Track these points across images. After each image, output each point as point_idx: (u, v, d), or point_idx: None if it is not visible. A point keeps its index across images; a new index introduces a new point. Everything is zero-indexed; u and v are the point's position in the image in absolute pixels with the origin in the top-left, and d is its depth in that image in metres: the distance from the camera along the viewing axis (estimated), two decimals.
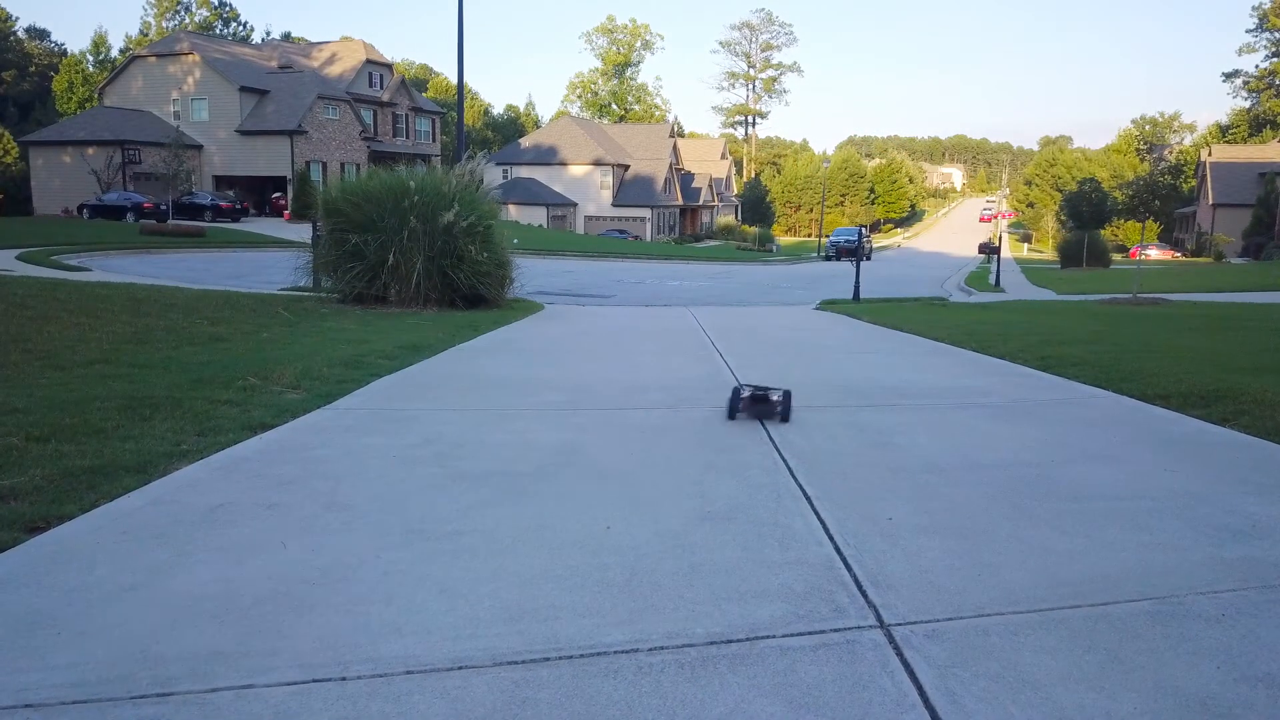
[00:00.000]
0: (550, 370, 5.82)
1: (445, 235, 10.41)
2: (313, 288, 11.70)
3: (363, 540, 2.45)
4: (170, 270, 21.80)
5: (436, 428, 3.87)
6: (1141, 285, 22.29)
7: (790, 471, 3.27)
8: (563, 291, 18.38)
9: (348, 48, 55.05)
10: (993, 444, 3.80)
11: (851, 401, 4.81)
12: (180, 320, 7.48)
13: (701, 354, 7.05)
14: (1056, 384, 5.37)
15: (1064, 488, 3.10)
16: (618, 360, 6.60)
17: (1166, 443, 3.75)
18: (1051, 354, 6.53)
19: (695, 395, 4.89)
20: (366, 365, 5.59)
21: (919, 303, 14.79)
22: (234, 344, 6.35)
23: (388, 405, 4.38)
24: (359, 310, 9.99)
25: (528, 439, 3.71)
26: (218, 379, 4.77)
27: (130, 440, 3.41)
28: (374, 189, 10.42)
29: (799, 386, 5.10)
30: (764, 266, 37.60)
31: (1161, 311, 12.35)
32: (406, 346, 6.63)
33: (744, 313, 12.88)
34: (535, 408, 4.42)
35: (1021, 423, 4.20)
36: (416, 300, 10.42)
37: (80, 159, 42.55)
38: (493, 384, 5.09)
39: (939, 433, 3.96)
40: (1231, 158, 62.33)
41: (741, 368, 6.12)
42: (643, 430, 3.95)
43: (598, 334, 8.78)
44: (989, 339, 7.98)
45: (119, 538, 2.32)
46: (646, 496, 2.93)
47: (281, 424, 3.84)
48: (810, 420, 4.19)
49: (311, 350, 6.16)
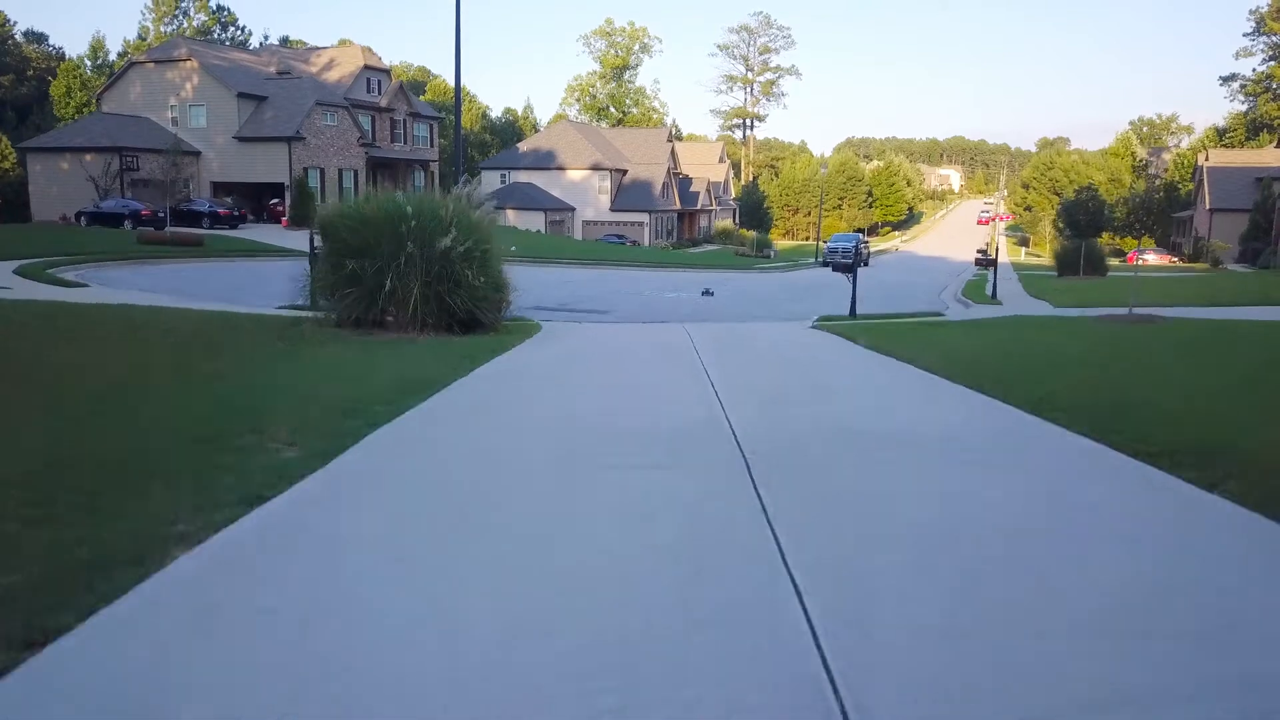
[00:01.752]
0: (542, 428, 5.85)
1: (442, 260, 10.43)
2: (310, 306, 11.64)
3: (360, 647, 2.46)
4: (168, 284, 21.81)
5: (427, 506, 3.90)
6: (1138, 297, 22.35)
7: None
8: (560, 306, 18.41)
9: (346, 53, 55.09)
10: (978, 496, 3.83)
11: (846, 453, 4.84)
12: (178, 354, 7.50)
13: (694, 382, 7.08)
14: (1044, 428, 5.39)
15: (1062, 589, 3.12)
16: (614, 398, 6.64)
17: (1149, 489, 3.78)
18: (1044, 395, 6.56)
19: (693, 454, 4.91)
20: (362, 413, 5.61)
21: (915, 321, 14.81)
22: (231, 383, 6.37)
23: (382, 468, 4.40)
24: (356, 337, 10.01)
25: (515, 534, 3.73)
26: (215, 434, 4.79)
27: (127, 520, 3.42)
28: (371, 214, 10.44)
29: (793, 433, 5.13)
30: (761, 275, 37.64)
31: (1155, 333, 12.37)
32: (401, 388, 6.65)
33: (739, 331, 12.89)
34: (520, 488, 4.45)
35: (1011, 474, 4.23)
36: (414, 325, 10.44)
37: (78, 166, 42.54)
38: (480, 451, 5.11)
39: (934, 503, 3.99)
40: (1228, 162, 62.52)
41: (734, 405, 6.15)
42: (647, 495, 3.99)
43: (592, 362, 8.80)
44: (984, 370, 8.01)
45: (112, 654, 2.34)
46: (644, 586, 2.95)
47: (278, 494, 3.86)
48: (809, 487, 4.22)
49: (309, 392, 6.17)
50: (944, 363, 8.43)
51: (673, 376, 7.94)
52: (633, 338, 12.04)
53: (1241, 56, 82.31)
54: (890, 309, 19.85)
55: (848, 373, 8.58)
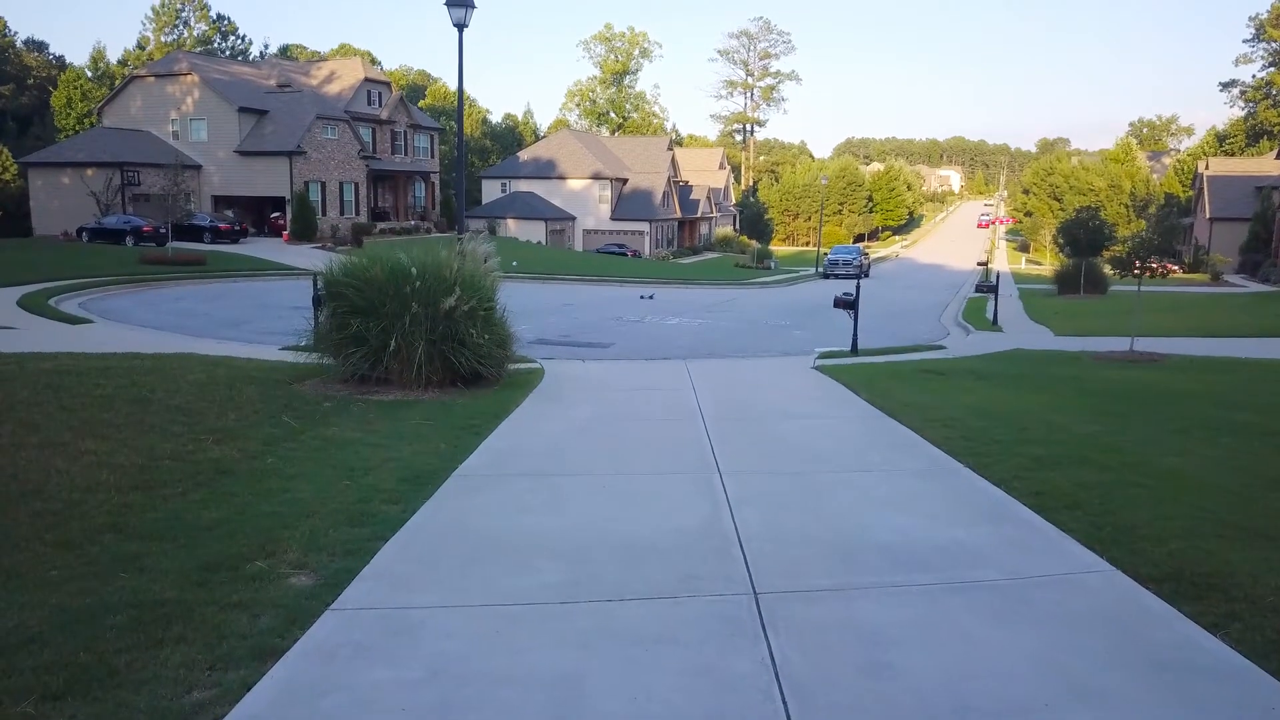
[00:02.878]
0: (545, 522, 5.95)
1: (447, 320, 10.49)
2: (313, 349, 11.41)
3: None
4: (171, 313, 21.89)
5: (440, 648, 3.96)
6: (1137, 323, 22.37)
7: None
8: (561, 338, 18.46)
9: (346, 65, 55.19)
10: (987, 668, 3.89)
11: (840, 575, 4.91)
12: (184, 437, 7.55)
13: (698, 469, 7.15)
14: (1051, 542, 5.45)
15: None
16: (612, 490, 6.72)
17: (1157, 668, 3.83)
18: (1046, 485, 6.62)
19: (697, 571, 4.97)
20: (371, 518, 5.67)
21: (917, 363, 14.86)
22: (238, 480, 6.42)
23: (393, 604, 4.46)
24: (360, 397, 10.06)
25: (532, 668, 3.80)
26: (225, 559, 4.85)
27: (145, 688, 3.49)
28: (376, 275, 10.50)
29: (793, 542, 5.18)
30: (763, 291, 37.71)
31: (1158, 383, 12.41)
32: (408, 475, 6.72)
33: (741, 381, 12.94)
34: (533, 599, 4.55)
35: (1018, 625, 4.29)
36: (418, 383, 10.50)
37: (79, 181, 42.65)
38: (485, 558, 5.18)
39: (931, 647, 4.05)
40: (1228, 171, 62.56)
41: (740, 501, 6.22)
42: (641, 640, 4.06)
43: (592, 436, 8.85)
44: (984, 446, 8.07)
45: None
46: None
47: (291, 644, 3.92)
48: (804, 626, 4.28)
49: (317, 491, 6.23)
50: (947, 436, 8.50)
51: (677, 454, 8.00)
52: (635, 390, 12.08)
53: (1241, 63, 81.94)
54: (892, 336, 19.92)
55: (849, 446, 8.64)
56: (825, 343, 19.15)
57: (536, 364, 13.97)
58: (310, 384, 10.92)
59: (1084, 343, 18.60)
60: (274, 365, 12.24)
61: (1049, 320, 23.98)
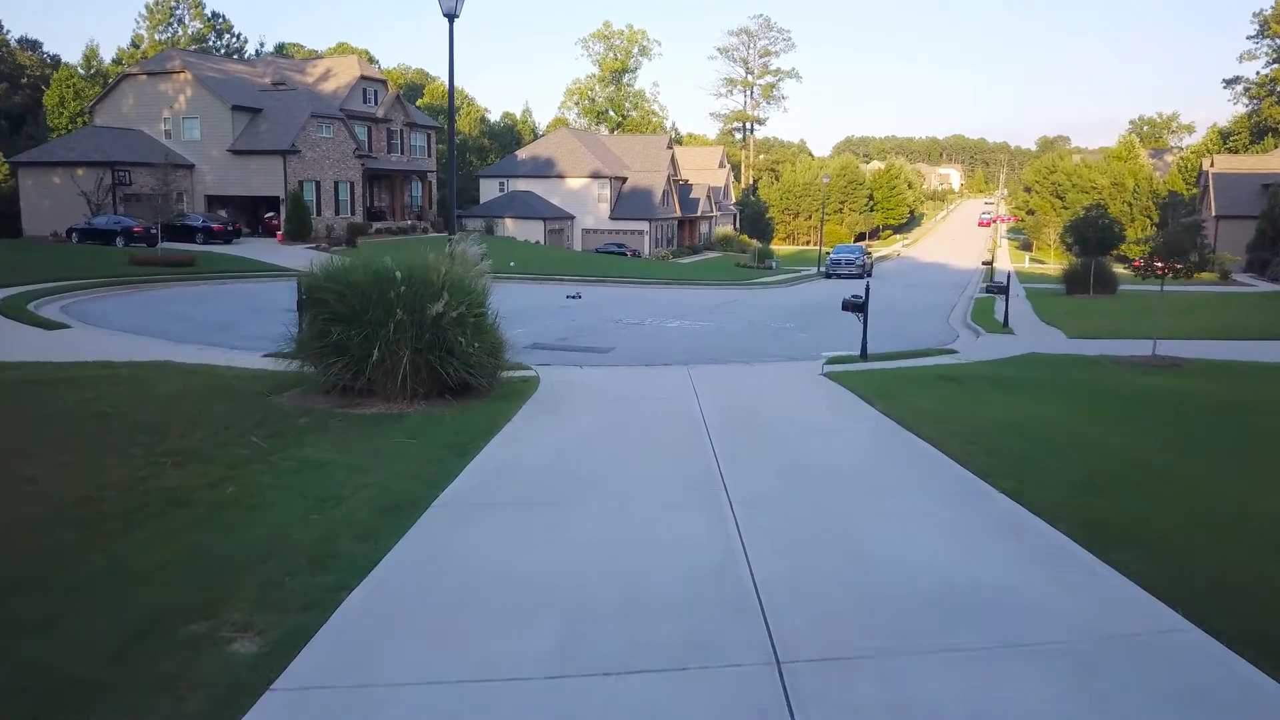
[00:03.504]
0: (536, 564, 5.26)
1: (434, 327, 9.79)
2: (295, 354, 10.63)
3: None
4: (156, 317, 21.19)
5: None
6: (1151, 324, 21.68)
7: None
8: (559, 343, 17.74)
9: (342, 63, 54.44)
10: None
11: (879, 636, 4.22)
12: (141, 460, 6.86)
13: (706, 495, 6.47)
14: (1114, 590, 4.76)
15: None
16: (612, 522, 6.05)
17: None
18: (1095, 514, 5.94)
19: (710, 632, 4.29)
20: (337, 561, 4.99)
21: (930, 369, 14.16)
22: (192, 514, 5.73)
23: (349, 680, 3.77)
24: (341, 409, 9.36)
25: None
26: (159, 618, 4.16)
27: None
28: (359, 280, 9.79)
29: (818, 591, 4.49)
30: (765, 292, 37.00)
31: (1189, 391, 11.73)
32: (384, 505, 6.04)
33: (747, 389, 12.24)
34: (520, 671, 3.85)
35: (1097, 705, 3.60)
36: (403, 395, 9.80)
37: (70, 180, 41.91)
38: (465, 612, 4.49)
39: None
40: (1234, 168, 61.86)
41: (755, 536, 5.55)
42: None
43: (590, 456, 8.17)
44: (1014, 464, 7.40)
45: None
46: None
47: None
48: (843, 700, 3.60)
49: (280, 526, 5.55)
50: (972, 452, 7.82)
51: (684, 471, 7.32)
52: (636, 399, 11.38)
53: (1245, 59, 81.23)
54: (900, 338, 19.20)
55: (868, 468, 7.96)
56: (831, 346, 18.47)
57: (532, 371, 13.29)
58: (290, 396, 10.23)
59: (1100, 345, 17.90)
60: (254, 374, 11.55)
61: (1060, 321, 23.27)
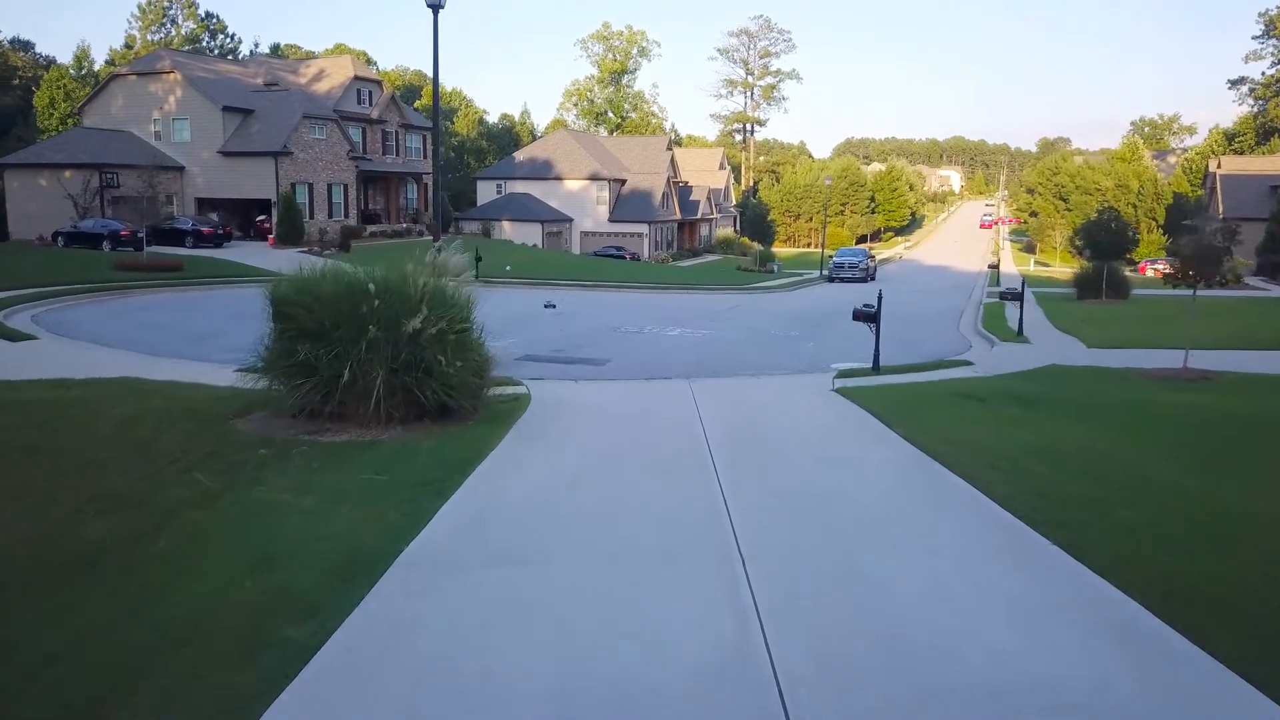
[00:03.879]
0: (509, 652, 4.39)
1: (411, 345, 8.93)
2: (264, 371, 9.73)
3: None
4: (135, 323, 20.36)
5: None
6: (1167, 330, 20.84)
7: None
8: (553, 353, 16.87)
9: (336, 63, 53.59)
10: None
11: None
12: (64, 506, 6.00)
13: (714, 549, 5.62)
14: (1225, 690, 3.90)
15: None
16: (605, 590, 5.19)
17: None
18: (1174, 578, 5.07)
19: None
20: (267, 649, 4.12)
21: (947, 383, 13.30)
22: (105, 579, 4.87)
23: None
24: (306, 443, 8.47)
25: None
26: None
27: None
28: (328, 293, 8.93)
29: (855, 687, 3.62)
30: (767, 297, 36.14)
31: (1235, 411, 10.85)
32: (338, 565, 5.17)
33: (754, 408, 11.38)
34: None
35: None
36: (377, 420, 8.93)
37: (57, 183, 41.02)
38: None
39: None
40: (1241, 170, 61.02)
41: (774, 611, 4.68)
42: None
43: (583, 487, 7.30)
44: (1062, 507, 6.54)
45: None
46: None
47: None
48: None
49: (207, 597, 4.68)
50: (1009, 485, 6.97)
51: (687, 536, 6.46)
52: (633, 420, 10.51)
53: (1251, 60, 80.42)
54: (910, 347, 18.34)
55: (902, 514, 7.09)
56: (840, 356, 17.62)
57: (522, 387, 12.44)
58: (255, 419, 9.36)
59: (1123, 356, 17.05)
60: (220, 394, 10.68)
61: (1076, 329, 22.40)
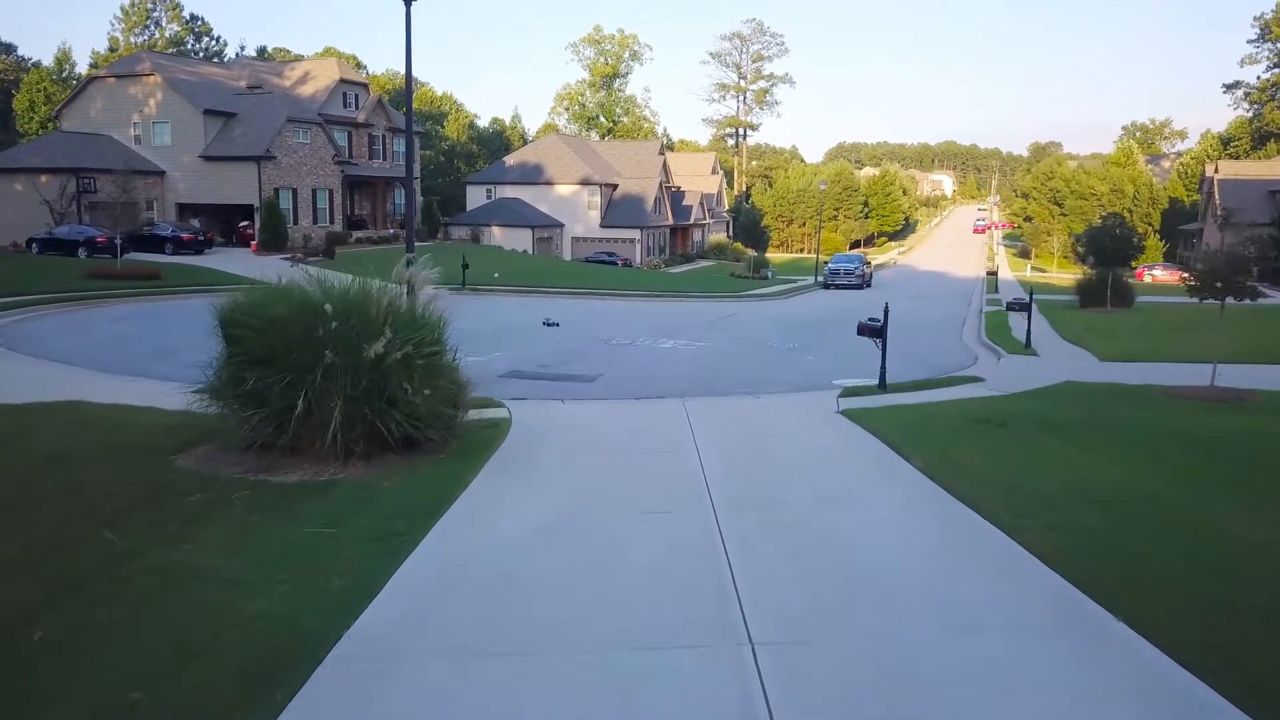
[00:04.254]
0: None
1: (373, 371, 7.99)
2: (214, 396, 8.74)
3: None
4: (101, 336, 19.41)
5: None
6: (1182, 343, 20.08)
7: None
8: (540, 370, 15.90)
9: (321, 66, 52.57)
10: None
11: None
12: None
13: (717, 626, 4.70)
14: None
15: None
16: (585, 693, 4.25)
17: None
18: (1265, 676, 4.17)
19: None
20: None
21: (960, 404, 12.40)
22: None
23: None
24: (252, 485, 7.51)
25: None
26: None
27: None
28: (279, 314, 7.98)
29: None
30: (762, 304, 35.24)
31: (1263, 432, 9.99)
32: (258, 662, 4.23)
33: (755, 435, 10.45)
34: None
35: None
36: (335, 455, 7.98)
37: (33, 188, 39.87)
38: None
39: None
40: (1239, 174, 60.41)
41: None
42: None
43: (563, 541, 6.37)
44: (1122, 566, 5.64)
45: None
46: None
47: None
48: None
49: (83, 716, 3.73)
50: (1053, 540, 6.07)
51: (685, 607, 5.54)
52: (624, 451, 9.58)
53: (1247, 64, 79.88)
54: (914, 360, 17.44)
55: (933, 575, 6.18)
56: (842, 370, 16.73)
57: (504, 409, 11.52)
58: (200, 454, 8.41)
59: (1140, 371, 16.17)
60: (169, 422, 9.71)
61: (1084, 340, 21.53)
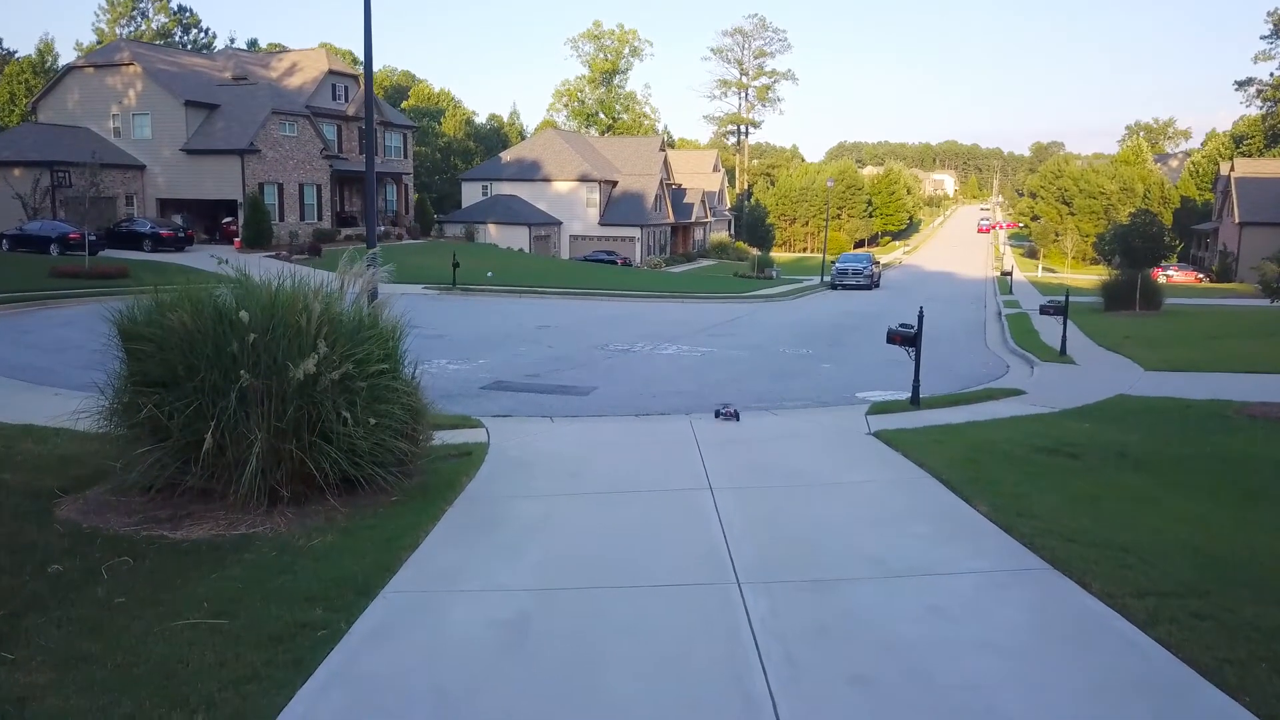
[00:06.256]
0: None
1: (302, 396, 6.28)
2: (114, 434, 7.07)
3: None
4: (42, 342, 17.76)
5: None
6: (1217, 353, 18.46)
7: None
8: (528, 382, 14.18)
9: (309, 57, 50.80)
10: None
11: None
12: None
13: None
14: None
15: None
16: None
17: None
18: None
19: None
20: None
21: (1019, 438, 10.71)
22: None
23: None
24: (139, 547, 5.82)
25: None
26: None
27: None
28: (182, 322, 6.27)
29: None
30: (769, 306, 33.51)
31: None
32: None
33: (778, 468, 8.74)
34: None
35: None
36: (252, 501, 6.28)
37: (5, 182, 38.15)
38: None
39: None
40: (1257, 172, 58.73)
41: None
42: None
43: (537, 653, 4.67)
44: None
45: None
46: None
47: None
48: None
49: None
50: (1199, 634, 4.35)
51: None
52: (620, 493, 7.88)
53: (1260, 60, 78.21)
54: (942, 370, 15.74)
55: (1054, 699, 4.49)
56: (864, 381, 15.06)
57: (482, 430, 9.85)
58: (89, 498, 6.71)
59: (1197, 383, 14.45)
60: (68, 453, 8.00)
61: (1123, 347, 19.80)
